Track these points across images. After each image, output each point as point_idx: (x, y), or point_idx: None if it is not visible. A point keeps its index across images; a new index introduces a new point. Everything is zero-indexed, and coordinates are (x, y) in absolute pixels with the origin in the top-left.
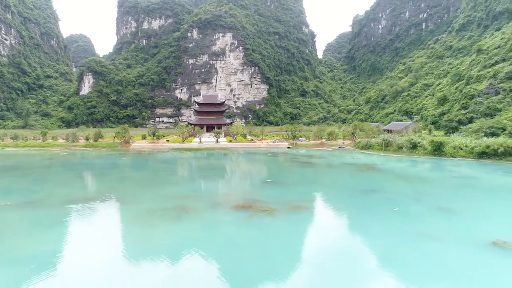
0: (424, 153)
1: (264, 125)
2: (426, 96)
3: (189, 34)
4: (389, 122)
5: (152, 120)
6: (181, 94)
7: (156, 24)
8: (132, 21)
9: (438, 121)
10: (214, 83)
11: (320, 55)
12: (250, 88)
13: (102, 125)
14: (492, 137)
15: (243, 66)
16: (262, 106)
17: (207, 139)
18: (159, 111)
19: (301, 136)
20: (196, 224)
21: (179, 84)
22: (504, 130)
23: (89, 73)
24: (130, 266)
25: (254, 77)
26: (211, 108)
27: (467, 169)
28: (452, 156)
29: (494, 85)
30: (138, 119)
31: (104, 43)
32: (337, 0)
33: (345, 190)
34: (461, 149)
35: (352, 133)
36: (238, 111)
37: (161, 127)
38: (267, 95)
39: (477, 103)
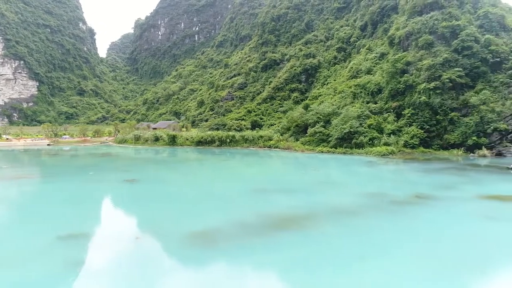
0: (163, 144)
1: (34, 125)
2: (191, 100)
3: None
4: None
5: None
6: None
7: None
8: None
9: (196, 120)
10: None
11: (104, 53)
12: (14, 84)
13: None
14: (216, 130)
15: (3, 59)
16: (31, 104)
17: None
18: None
19: (65, 134)
20: None
21: None
22: (225, 126)
23: None
24: None
25: (19, 72)
26: None
27: (182, 153)
28: (181, 145)
29: (231, 93)
30: None
31: None
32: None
33: (70, 168)
34: (188, 140)
35: (115, 130)
36: (0, 109)
37: None
38: (37, 93)
39: (219, 106)
